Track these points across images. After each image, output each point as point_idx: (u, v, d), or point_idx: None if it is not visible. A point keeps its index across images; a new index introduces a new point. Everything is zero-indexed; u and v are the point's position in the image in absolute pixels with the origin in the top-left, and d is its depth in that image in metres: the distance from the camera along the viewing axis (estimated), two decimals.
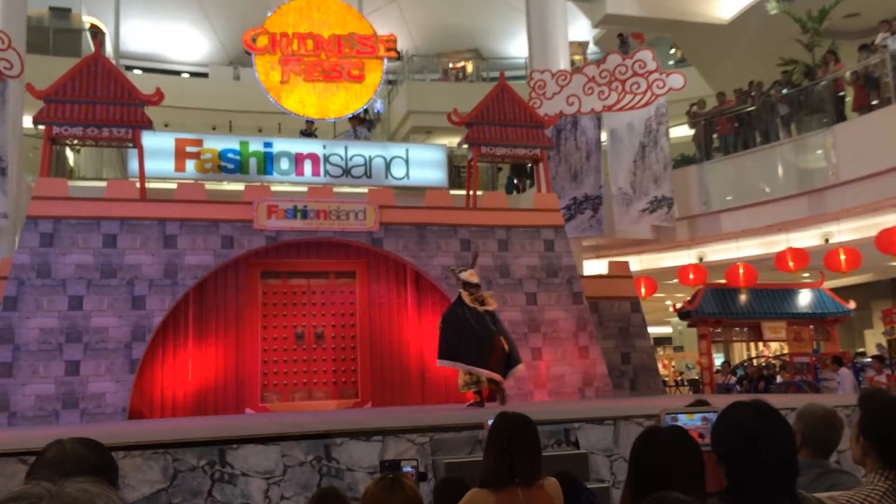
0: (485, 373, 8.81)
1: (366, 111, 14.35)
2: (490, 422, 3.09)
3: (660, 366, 16.25)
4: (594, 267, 15.15)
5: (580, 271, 13.34)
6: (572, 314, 11.36)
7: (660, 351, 26.44)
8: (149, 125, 10.85)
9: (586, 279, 12.68)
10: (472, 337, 8.96)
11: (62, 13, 18.74)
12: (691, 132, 15.50)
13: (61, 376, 9.61)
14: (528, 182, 16.27)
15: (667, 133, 13.66)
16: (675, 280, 15.30)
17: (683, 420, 2.95)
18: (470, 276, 9.30)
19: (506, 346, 9.04)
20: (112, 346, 9.84)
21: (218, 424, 7.76)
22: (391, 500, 2.53)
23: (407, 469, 3.62)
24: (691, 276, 14.45)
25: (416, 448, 6.01)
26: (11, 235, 11.31)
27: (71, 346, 9.73)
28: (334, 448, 5.84)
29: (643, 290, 14.66)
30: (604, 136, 14.06)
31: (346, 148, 12.51)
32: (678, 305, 14.82)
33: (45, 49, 16.64)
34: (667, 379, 19.87)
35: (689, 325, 14.89)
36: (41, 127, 10.72)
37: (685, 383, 19.99)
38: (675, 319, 20.05)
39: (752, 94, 14.40)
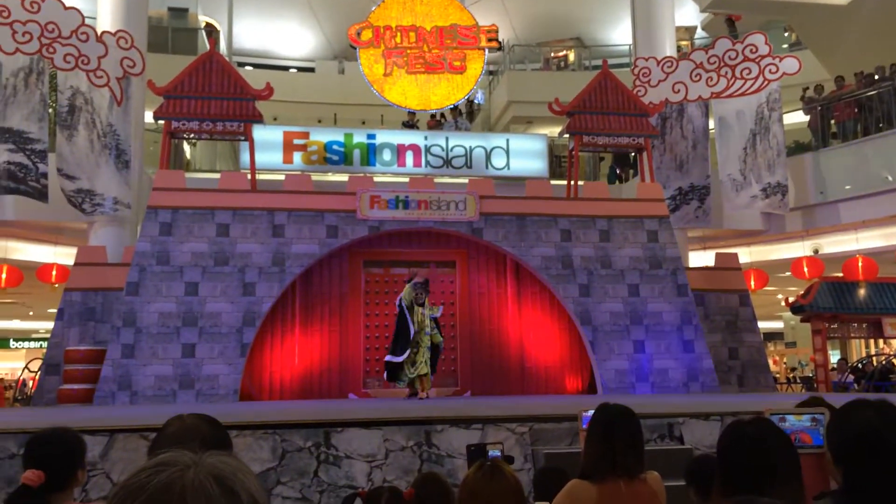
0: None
1: (470, 102, 14.49)
2: (589, 413, 2.99)
3: (770, 362, 15.62)
4: (700, 259, 14.70)
5: (685, 263, 12.90)
6: (676, 307, 11.01)
7: (770, 346, 25.05)
8: (259, 119, 11.01)
9: (692, 271, 12.32)
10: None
11: (180, 13, 19.42)
12: (806, 118, 14.81)
13: (178, 358, 9.90)
14: (631, 172, 15.82)
15: (780, 119, 12.99)
16: (788, 273, 14.70)
17: (791, 421, 2.80)
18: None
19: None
20: (225, 330, 10.07)
21: (323, 408, 7.82)
22: (492, 487, 2.44)
23: (493, 454, 3.51)
24: (806, 269, 13.76)
25: (516, 437, 5.95)
26: (134, 225, 11.83)
27: (187, 330, 10.03)
28: (435, 434, 5.86)
29: (753, 283, 13.99)
30: (711, 125, 13.44)
31: (446, 139, 12.49)
32: (790, 299, 14.34)
33: (165, 48, 17.28)
34: (777, 376, 19.10)
35: (803, 321, 14.14)
36: (161, 122, 11.03)
37: (797, 380, 19.23)
38: (788, 314, 19.32)
39: (877, 77, 13.60)
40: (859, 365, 15.23)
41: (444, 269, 11.83)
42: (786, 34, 19.88)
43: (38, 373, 10.62)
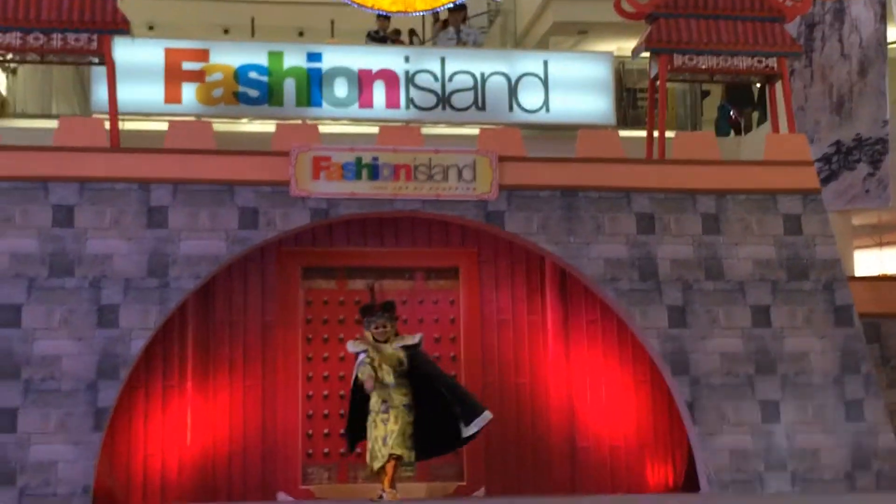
0: None
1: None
2: None
3: None
4: (873, 262, 14.85)
5: (848, 270, 12.26)
6: (834, 343, 10.37)
7: None
8: (124, 28, 10.23)
9: (859, 282, 11.65)
10: None
11: None
12: None
13: None
14: (754, 116, 15.28)
15: None
16: None
17: None
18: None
19: None
20: (67, 386, 9.31)
21: None
22: None
23: None
24: None
25: None
26: None
27: (1, 386, 9.16)
28: None
29: None
30: (892, 36, 13.04)
31: (442, 61, 11.81)
32: None
33: None
34: None
35: None
36: None
37: None
38: None
39: None
40: None
41: (440, 280, 11.05)
42: None
43: None
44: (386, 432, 9.17)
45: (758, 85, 13.69)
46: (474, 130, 11.64)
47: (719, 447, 10.01)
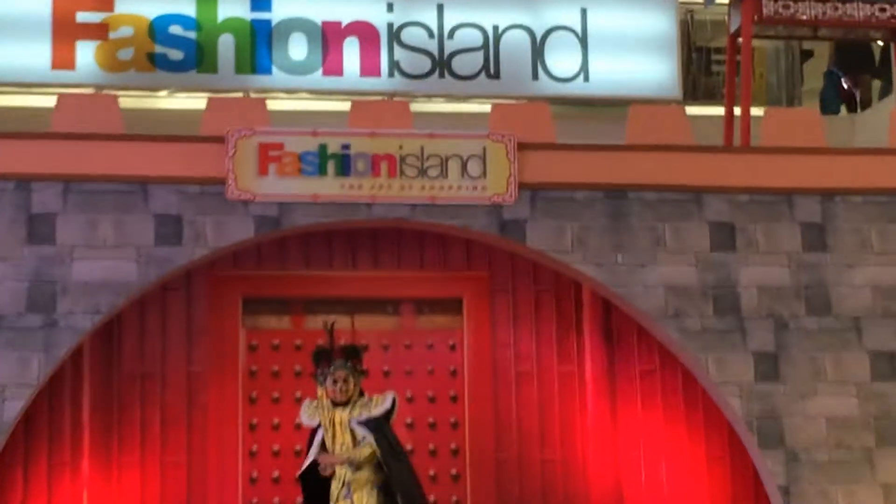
0: None
1: None
2: None
3: None
4: None
5: None
6: None
7: None
8: None
9: None
10: None
11: None
12: None
13: None
14: (874, 84, 14.52)
15: None
16: None
17: None
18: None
19: None
20: None
21: None
22: None
23: None
24: None
25: None
26: None
27: None
28: None
29: None
30: None
31: (439, 9, 11.19)
32: None
33: None
34: None
35: None
36: None
37: None
38: None
39: None
40: None
41: (435, 317, 10.67)
42: None
43: None
44: None
45: (880, 43, 13.10)
46: (485, 107, 10.94)
47: None
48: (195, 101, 10.92)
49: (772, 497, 9.70)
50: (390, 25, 11.45)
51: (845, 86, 14.75)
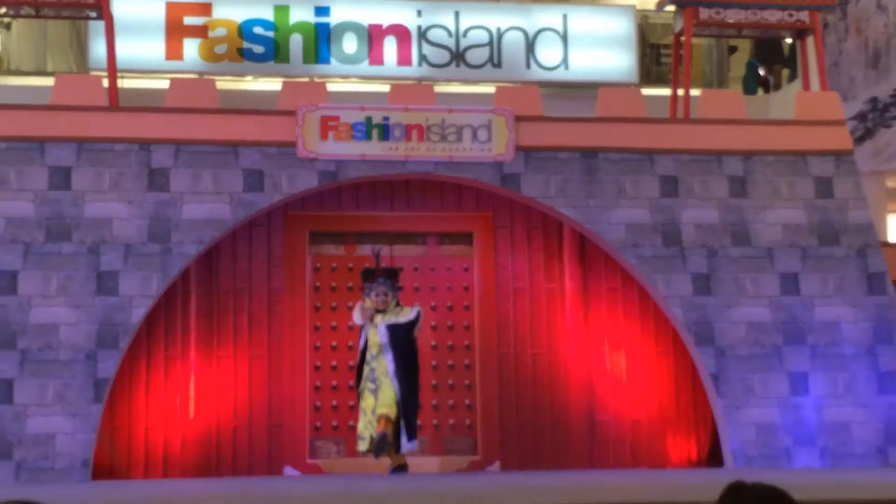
0: None
1: None
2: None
3: None
4: None
5: (882, 236, 12.19)
6: (866, 313, 10.43)
7: None
8: None
9: (893, 249, 11.72)
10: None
11: None
12: None
13: None
14: (784, 72, 15.17)
15: None
16: None
17: None
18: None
19: None
20: (65, 356, 9.41)
21: (240, 494, 7.55)
22: None
23: None
24: None
25: None
26: None
27: None
28: None
29: None
30: None
31: (456, 15, 11.98)
32: None
33: None
34: None
35: None
36: None
37: None
38: None
39: None
40: None
41: (453, 247, 11.28)
42: None
43: None
44: (374, 405, 9.18)
45: (788, 40, 13.68)
46: (490, 88, 11.68)
47: (745, 421, 10.05)
48: (273, 84, 11.53)
49: (705, 382, 10.41)
50: (419, 27, 12.23)
51: (762, 73, 15.61)
